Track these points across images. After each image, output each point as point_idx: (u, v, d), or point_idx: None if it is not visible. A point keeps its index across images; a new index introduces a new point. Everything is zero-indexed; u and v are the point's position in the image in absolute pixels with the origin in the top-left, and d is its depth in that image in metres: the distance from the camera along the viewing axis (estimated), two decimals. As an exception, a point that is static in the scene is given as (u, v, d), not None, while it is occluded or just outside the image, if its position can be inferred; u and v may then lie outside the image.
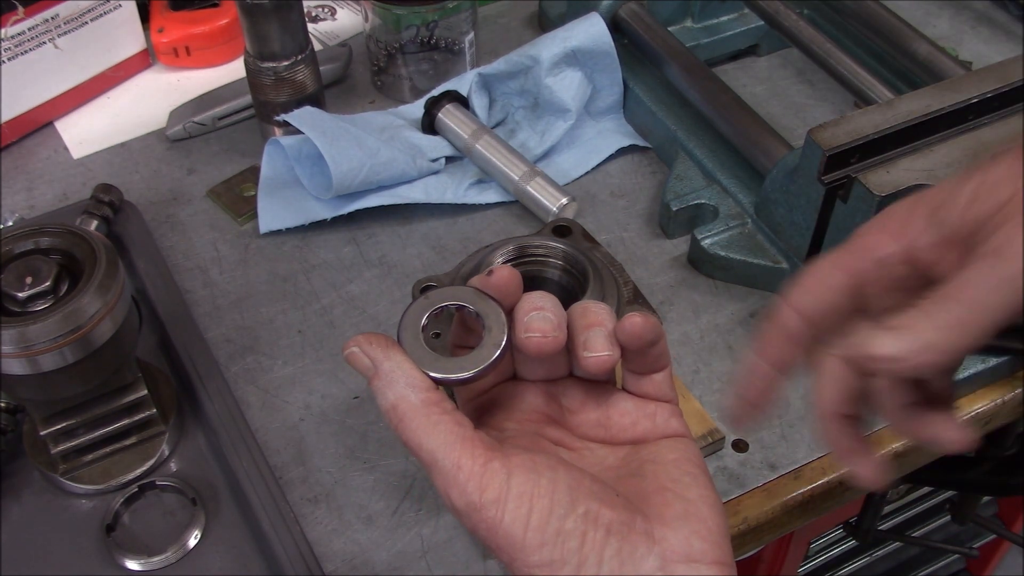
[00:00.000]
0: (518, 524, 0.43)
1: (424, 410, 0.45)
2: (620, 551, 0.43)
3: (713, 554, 0.44)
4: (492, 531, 0.43)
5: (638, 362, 0.50)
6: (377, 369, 0.46)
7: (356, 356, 0.46)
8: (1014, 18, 1.08)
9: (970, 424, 0.75)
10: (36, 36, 0.92)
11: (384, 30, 0.95)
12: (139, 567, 0.66)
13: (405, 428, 0.45)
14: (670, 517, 0.45)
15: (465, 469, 0.44)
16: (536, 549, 0.43)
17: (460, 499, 0.44)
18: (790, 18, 0.91)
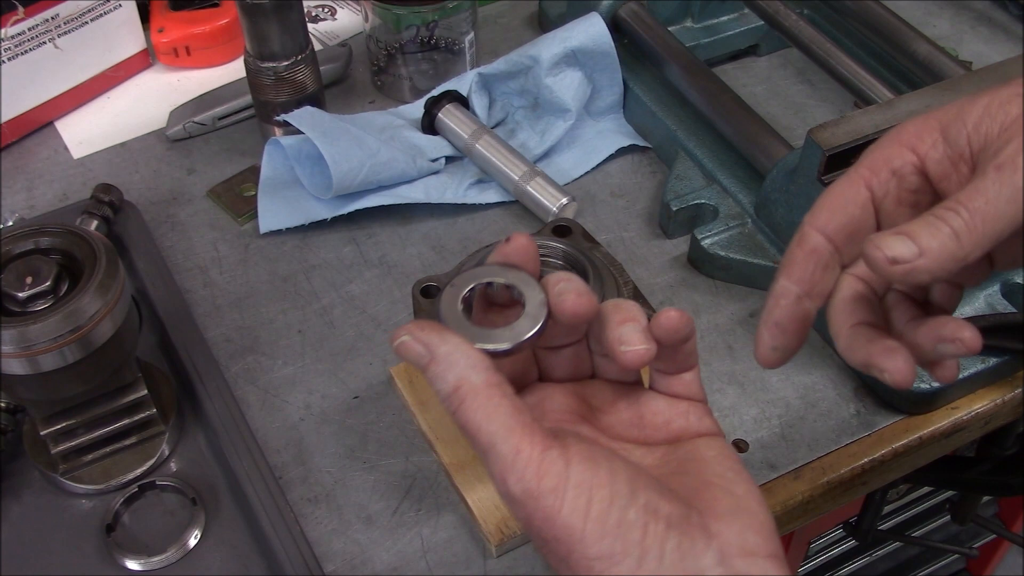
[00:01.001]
0: (577, 514, 0.42)
1: (486, 391, 0.43)
2: (680, 545, 0.42)
3: (767, 547, 0.44)
4: (549, 521, 0.42)
5: (669, 360, 0.50)
6: (434, 354, 0.44)
7: (408, 344, 0.45)
8: (1014, 18, 1.08)
9: (970, 424, 0.75)
10: (36, 36, 0.92)
11: (384, 30, 0.95)
12: (139, 567, 0.66)
13: (466, 410, 0.43)
14: (721, 512, 0.44)
15: (524, 455, 0.42)
16: (596, 540, 0.42)
17: (517, 486, 0.42)
18: (790, 18, 0.91)
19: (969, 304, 0.76)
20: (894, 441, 0.73)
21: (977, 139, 0.46)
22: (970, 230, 0.44)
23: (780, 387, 0.76)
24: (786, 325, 0.49)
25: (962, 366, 0.73)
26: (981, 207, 0.44)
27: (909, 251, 0.44)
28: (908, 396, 0.73)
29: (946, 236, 0.44)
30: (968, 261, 0.44)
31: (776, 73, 1.02)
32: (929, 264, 0.44)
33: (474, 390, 0.43)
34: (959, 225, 0.44)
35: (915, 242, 0.44)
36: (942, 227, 0.44)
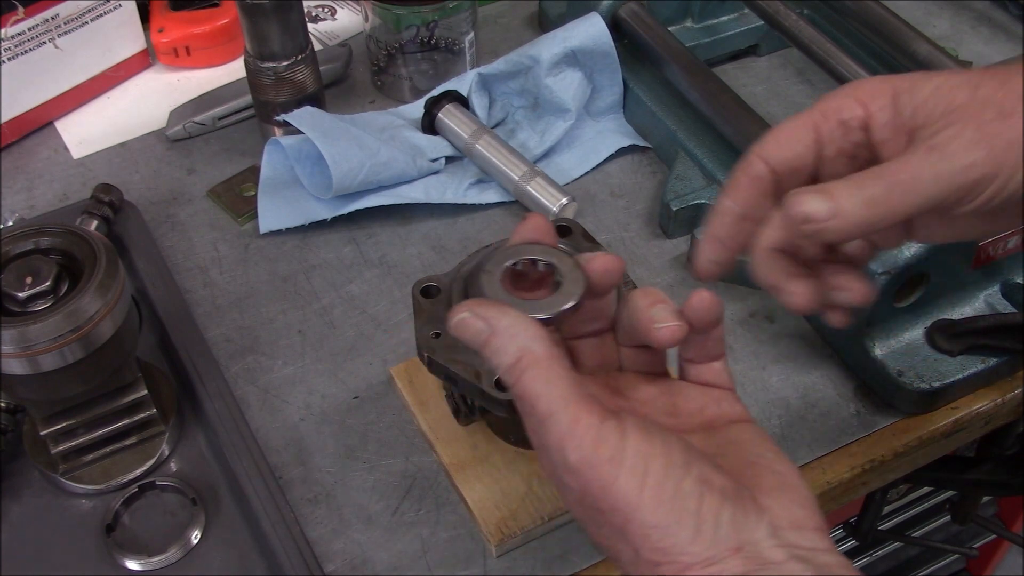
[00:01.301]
0: (634, 483, 0.42)
1: (547, 362, 0.44)
2: (735, 516, 0.43)
3: (814, 521, 0.45)
4: (606, 490, 0.42)
5: (700, 347, 0.51)
6: (494, 328, 0.45)
7: (468, 320, 0.46)
8: (1014, 18, 1.08)
9: (970, 424, 0.75)
10: (36, 36, 0.92)
11: (384, 30, 0.95)
12: (139, 567, 0.66)
13: (528, 380, 0.44)
14: (768, 488, 0.45)
15: (583, 423, 0.43)
16: (653, 509, 0.42)
17: (575, 454, 0.43)
18: (790, 18, 0.91)
19: (969, 304, 0.76)
20: (894, 441, 0.73)
21: (921, 114, 0.48)
22: (886, 200, 0.46)
23: (780, 387, 0.76)
24: (725, 240, 0.52)
25: (962, 366, 0.73)
26: (903, 181, 0.46)
27: (825, 210, 0.46)
28: (908, 396, 0.73)
29: (861, 201, 0.46)
30: (877, 229, 0.47)
31: (776, 73, 1.02)
32: (840, 225, 0.46)
33: (536, 360, 0.44)
34: (878, 194, 0.46)
35: (834, 202, 0.46)
36: (860, 193, 0.46)
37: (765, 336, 0.79)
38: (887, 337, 0.74)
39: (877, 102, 0.49)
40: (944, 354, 0.74)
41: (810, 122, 0.50)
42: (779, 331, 0.79)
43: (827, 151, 0.50)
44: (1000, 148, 0.46)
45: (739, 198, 0.51)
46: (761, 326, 0.80)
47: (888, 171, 0.47)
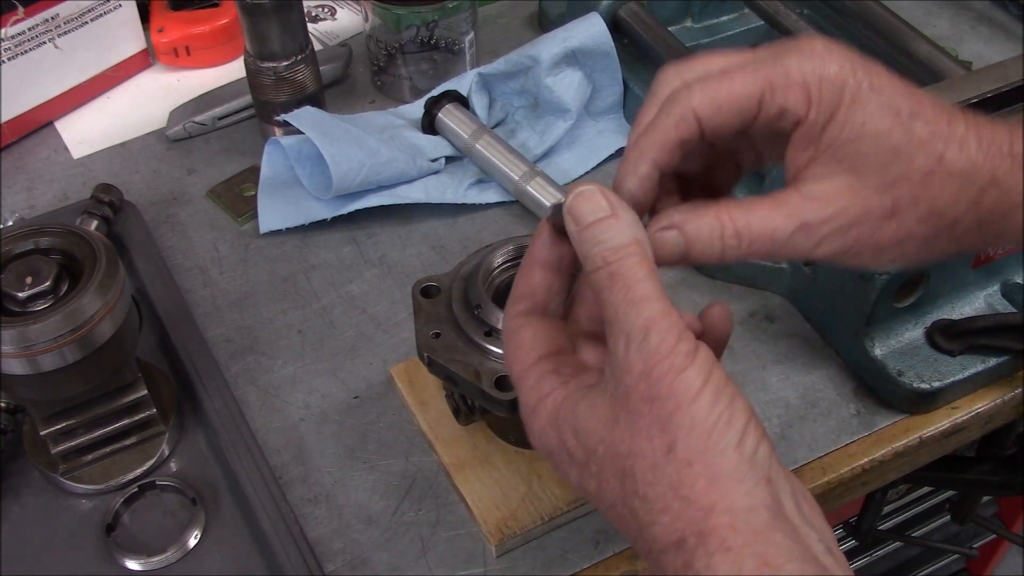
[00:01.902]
0: (699, 379, 0.43)
1: (650, 260, 0.46)
2: (770, 456, 0.44)
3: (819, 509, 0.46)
4: (670, 374, 0.43)
5: None
6: (616, 211, 0.46)
7: (592, 195, 0.47)
8: (1014, 18, 1.08)
9: (970, 424, 0.75)
10: (36, 36, 0.92)
11: (384, 30, 0.95)
12: (139, 567, 0.66)
13: (634, 263, 0.45)
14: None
15: (673, 316, 0.44)
16: (709, 404, 0.43)
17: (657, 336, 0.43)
18: (790, 18, 0.91)
19: (969, 304, 0.76)
20: (894, 441, 0.73)
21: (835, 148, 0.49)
22: (739, 244, 0.49)
23: (780, 387, 0.76)
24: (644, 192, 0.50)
25: (962, 366, 0.73)
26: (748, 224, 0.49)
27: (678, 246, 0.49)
28: (908, 396, 0.73)
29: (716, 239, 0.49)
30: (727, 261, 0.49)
31: (776, 73, 1.02)
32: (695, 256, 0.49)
33: (645, 253, 0.46)
34: (730, 239, 0.49)
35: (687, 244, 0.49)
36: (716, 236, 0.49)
37: (765, 336, 0.79)
38: (887, 337, 0.74)
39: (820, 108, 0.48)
40: (944, 354, 0.74)
41: (757, 94, 0.48)
42: (779, 331, 0.79)
43: (757, 124, 0.49)
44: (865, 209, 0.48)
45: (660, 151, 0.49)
46: (761, 326, 0.80)
47: (737, 217, 0.49)
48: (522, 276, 0.51)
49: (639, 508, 0.43)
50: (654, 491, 0.43)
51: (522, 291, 0.51)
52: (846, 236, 0.49)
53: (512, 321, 0.51)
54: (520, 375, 0.49)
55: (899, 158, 0.48)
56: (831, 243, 0.49)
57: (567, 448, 0.47)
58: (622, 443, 0.44)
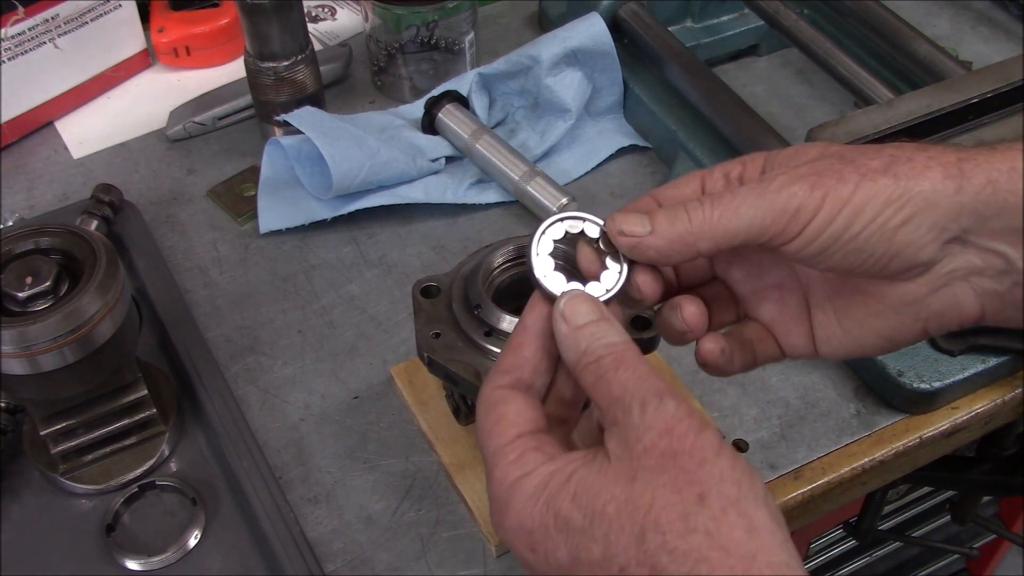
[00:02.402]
0: (716, 439, 0.43)
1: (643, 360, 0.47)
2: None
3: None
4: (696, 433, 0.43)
5: None
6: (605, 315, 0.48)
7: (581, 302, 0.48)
8: (1014, 18, 1.08)
9: (970, 424, 0.75)
10: (36, 36, 0.92)
11: (384, 30, 0.95)
12: (139, 567, 0.66)
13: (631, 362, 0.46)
14: None
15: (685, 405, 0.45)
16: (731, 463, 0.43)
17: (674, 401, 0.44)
18: (790, 18, 0.91)
19: (969, 304, 0.76)
20: (894, 441, 0.73)
21: (773, 168, 0.51)
22: (705, 220, 0.48)
23: (780, 387, 0.76)
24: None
25: (962, 366, 0.73)
26: (724, 204, 0.48)
27: (641, 227, 0.49)
28: (908, 396, 0.73)
29: (681, 221, 0.48)
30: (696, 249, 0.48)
31: (776, 73, 1.02)
32: (656, 242, 0.49)
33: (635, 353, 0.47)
34: (696, 215, 0.48)
35: (652, 221, 0.49)
36: (681, 214, 0.48)
37: (765, 336, 0.79)
38: (887, 337, 0.74)
39: (754, 163, 0.52)
40: (944, 354, 0.74)
41: (699, 176, 0.53)
42: (779, 331, 0.79)
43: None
44: (828, 182, 0.47)
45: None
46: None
47: (713, 197, 0.49)
48: (512, 349, 0.50)
49: (667, 563, 0.42)
50: (687, 542, 0.41)
51: (509, 364, 0.50)
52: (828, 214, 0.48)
53: (494, 393, 0.49)
54: (499, 450, 0.48)
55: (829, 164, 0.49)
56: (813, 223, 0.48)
57: (560, 517, 0.45)
58: (642, 498, 0.43)
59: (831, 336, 0.53)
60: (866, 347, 0.53)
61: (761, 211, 0.47)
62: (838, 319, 0.52)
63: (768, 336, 0.55)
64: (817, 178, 0.47)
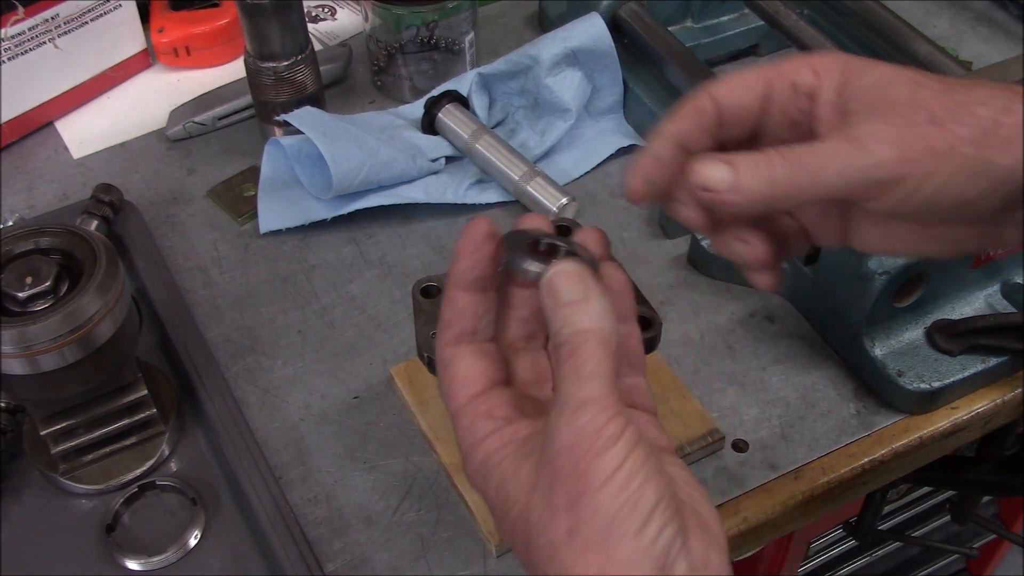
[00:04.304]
0: (613, 463, 0.43)
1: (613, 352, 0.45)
2: (674, 540, 0.43)
3: (727, 568, 0.45)
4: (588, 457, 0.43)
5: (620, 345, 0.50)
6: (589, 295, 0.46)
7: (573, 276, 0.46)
8: (1014, 18, 1.08)
9: (970, 424, 0.75)
10: (36, 36, 0.92)
11: (384, 30, 0.95)
12: (139, 567, 0.66)
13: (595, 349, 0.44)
14: (691, 527, 0.45)
15: (613, 398, 0.44)
16: (616, 491, 0.42)
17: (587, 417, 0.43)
18: (790, 18, 0.91)
19: (969, 304, 0.76)
20: (894, 441, 0.73)
21: (859, 102, 0.48)
22: (789, 182, 0.46)
23: (780, 387, 0.76)
24: (664, 162, 0.51)
25: (962, 366, 0.73)
26: (809, 165, 0.46)
27: (724, 182, 0.47)
28: (908, 396, 0.73)
29: (764, 180, 0.47)
30: (775, 208, 0.48)
31: (776, 73, 1.02)
32: (738, 199, 0.47)
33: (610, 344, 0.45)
34: (781, 174, 0.46)
35: (735, 175, 0.47)
36: (764, 170, 0.47)
37: (765, 336, 0.79)
38: (887, 337, 0.74)
39: (829, 76, 0.49)
40: (944, 354, 0.74)
41: (764, 75, 0.50)
42: (779, 331, 0.79)
43: (773, 110, 0.51)
44: (917, 152, 0.46)
45: (681, 125, 0.51)
46: (761, 326, 0.80)
47: (797, 153, 0.47)
48: (446, 303, 0.51)
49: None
50: (550, 570, 0.43)
51: (448, 318, 0.50)
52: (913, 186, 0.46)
53: (443, 352, 0.50)
54: (455, 412, 0.49)
55: (918, 110, 0.47)
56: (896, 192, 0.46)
57: (489, 498, 0.47)
58: (532, 512, 0.44)
59: (867, 239, 0.53)
60: (903, 252, 0.53)
61: (846, 178, 0.46)
62: (877, 228, 0.52)
63: (801, 233, 0.54)
64: (907, 147, 0.46)
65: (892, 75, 0.48)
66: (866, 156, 0.46)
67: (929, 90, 0.47)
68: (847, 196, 0.47)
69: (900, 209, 0.47)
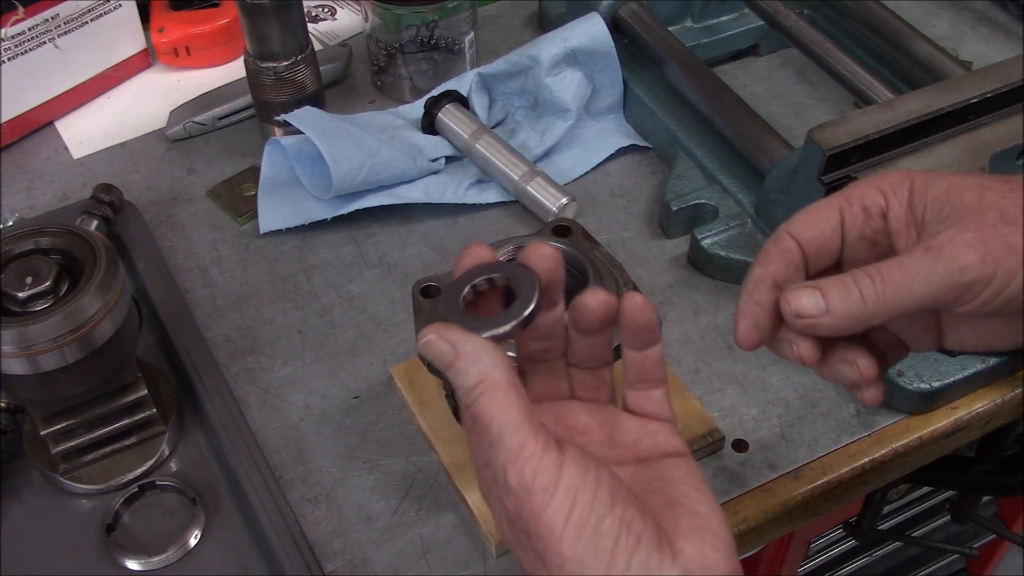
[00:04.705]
0: (560, 515, 0.45)
1: (505, 387, 0.46)
2: (648, 559, 0.45)
3: (726, 564, 0.46)
4: (535, 517, 0.45)
5: (637, 369, 0.53)
6: (459, 352, 0.47)
7: (434, 343, 0.48)
8: (1014, 18, 1.08)
9: (970, 424, 0.75)
10: (36, 36, 0.92)
11: (384, 30, 0.95)
12: (139, 567, 0.67)
13: (485, 402, 0.46)
14: (685, 530, 0.47)
15: (527, 450, 0.45)
16: (572, 542, 0.44)
17: (515, 477, 0.45)
18: (790, 18, 0.91)
19: (969, 304, 0.76)
20: (894, 441, 0.73)
21: (931, 212, 0.50)
22: (878, 299, 0.48)
23: (780, 387, 0.76)
24: (766, 306, 0.52)
25: (962, 366, 0.73)
26: (896, 280, 0.48)
27: (816, 308, 0.49)
28: (908, 396, 0.73)
29: (855, 300, 0.49)
30: (869, 325, 0.50)
31: (776, 73, 1.02)
32: (832, 322, 0.49)
33: (495, 384, 0.46)
34: (869, 293, 0.49)
35: (825, 300, 0.49)
36: (853, 291, 0.49)
37: (765, 336, 0.79)
38: (887, 337, 0.74)
39: (896, 194, 0.52)
40: (944, 354, 0.73)
41: (836, 205, 0.53)
42: (779, 331, 0.79)
43: (850, 234, 0.53)
44: (998, 252, 0.47)
45: (770, 267, 0.53)
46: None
47: (882, 271, 0.49)
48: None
49: None
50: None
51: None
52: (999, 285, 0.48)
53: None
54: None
55: (989, 212, 0.49)
56: (984, 293, 0.48)
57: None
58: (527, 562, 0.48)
59: (962, 339, 0.54)
60: (995, 346, 0.54)
61: (934, 287, 0.48)
62: (970, 327, 0.53)
63: (897, 342, 0.56)
64: (986, 248, 0.47)
65: (958, 183, 0.50)
66: (949, 263, 0.48)
67: (995, 192, 0.49)
68: (936, 303, 0.49)
69: (989, 308, 0.49)
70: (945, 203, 0.50)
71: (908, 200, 0.51)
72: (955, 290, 0.48)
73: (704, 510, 0.48)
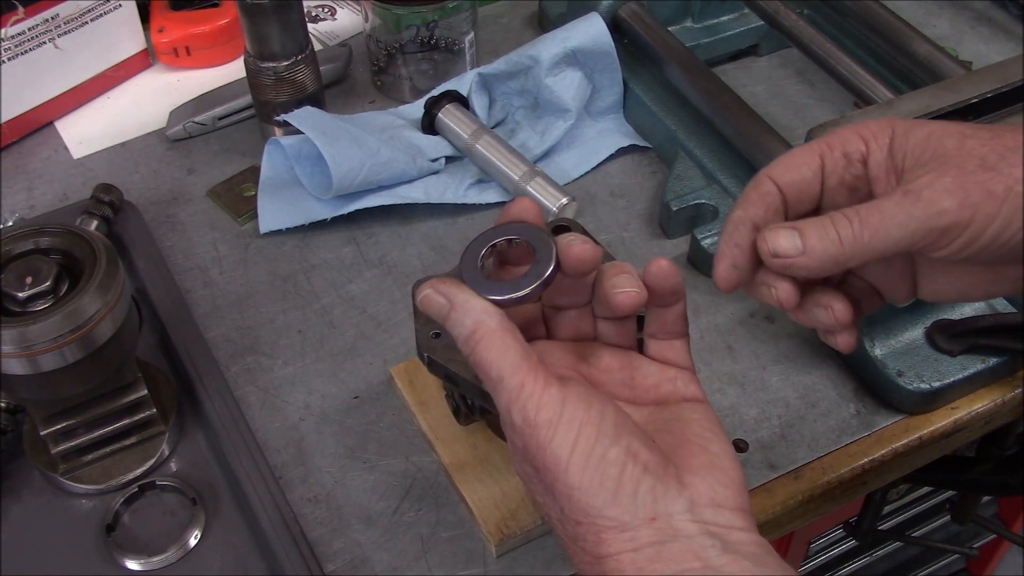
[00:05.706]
0: (565, 446, 0.46)
1: (500, 333, 0.48)
2: (654, 488, 0.46)
3: (735, 500, 0.48)
4: (541, 449, 0.46)
5: (659, 321, 0.54)
6: (453, 303, 0.50)
7: (431, 296, 0.50)
8: (1014, 18, 1.08)
9: (970, 424, 0.75)
10: (36, 36, 0.92)
11: (384, 30, 0.95)
12: (139, 567, 0.67)
13: (481, 349, 0.48)
14: (696, 467, 0.48)
15: (528, 388, 0.47)
16: (578, 472, 0.46)
17: (519, 415, 0.47)
18: (790, 18, 0.91)
19: (969, 304, 0.76)
20: (894, 441, 0.73)
21: (910, 158, 0.50)
22: (856, 240, 0.49)
23: (780, 387, 0.76)
24: (745, 247, 0.53)
25: (962, 366, 0.73)
26: (874, 222, 0.49)
27: (794, 247, 0.50)
28: (908, 396, 0.73)
29: (832, 241, 0.49)
30: (846, 266, 0.50)
31: (776, 73, 1.02)
32: (809, 263, 0.50)
33: (489, 332, 0.49)
34: (847, 234, 0.49)
35: (803, 240, 0.49)
36: (831, 232, 0.49)
37: (765, 336, 0.79)
38: (887, 337, 0.74)
39: (877, 140, 0.52)
40: (944, 354, 0.74)
41: (816, 150, 0.53)
42: (779, 331, 0.79)
43: (830, 180, 0.53)
44: (976, 197, 0.47)
45: (751, 210, 0.53)
46: (761, 326, 0.80)
47: (859, 212, 0.49)
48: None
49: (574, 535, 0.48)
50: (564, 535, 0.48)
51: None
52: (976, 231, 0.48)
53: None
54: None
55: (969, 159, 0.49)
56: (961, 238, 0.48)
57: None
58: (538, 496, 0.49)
59: (937, 289, 0.54)
60: (971, 296, 0.55)
61: (911, 230, 0.48)
62: (946, 277, 0.53)
63: (873, 291, 0.56)
64: (965, 193, 0.47)
65: (939, 130, 0.50)
66: (928, 207, 0.48)
67: (977, 139, 0.49)
68: (913, 247, 0.49)
69: (965, 254, 0.49)
70: (925, 149, 0.50)
71: (889, 147, 0.51)
72: (932, 234, 0.48)
73: (717, 450, 0.49)
